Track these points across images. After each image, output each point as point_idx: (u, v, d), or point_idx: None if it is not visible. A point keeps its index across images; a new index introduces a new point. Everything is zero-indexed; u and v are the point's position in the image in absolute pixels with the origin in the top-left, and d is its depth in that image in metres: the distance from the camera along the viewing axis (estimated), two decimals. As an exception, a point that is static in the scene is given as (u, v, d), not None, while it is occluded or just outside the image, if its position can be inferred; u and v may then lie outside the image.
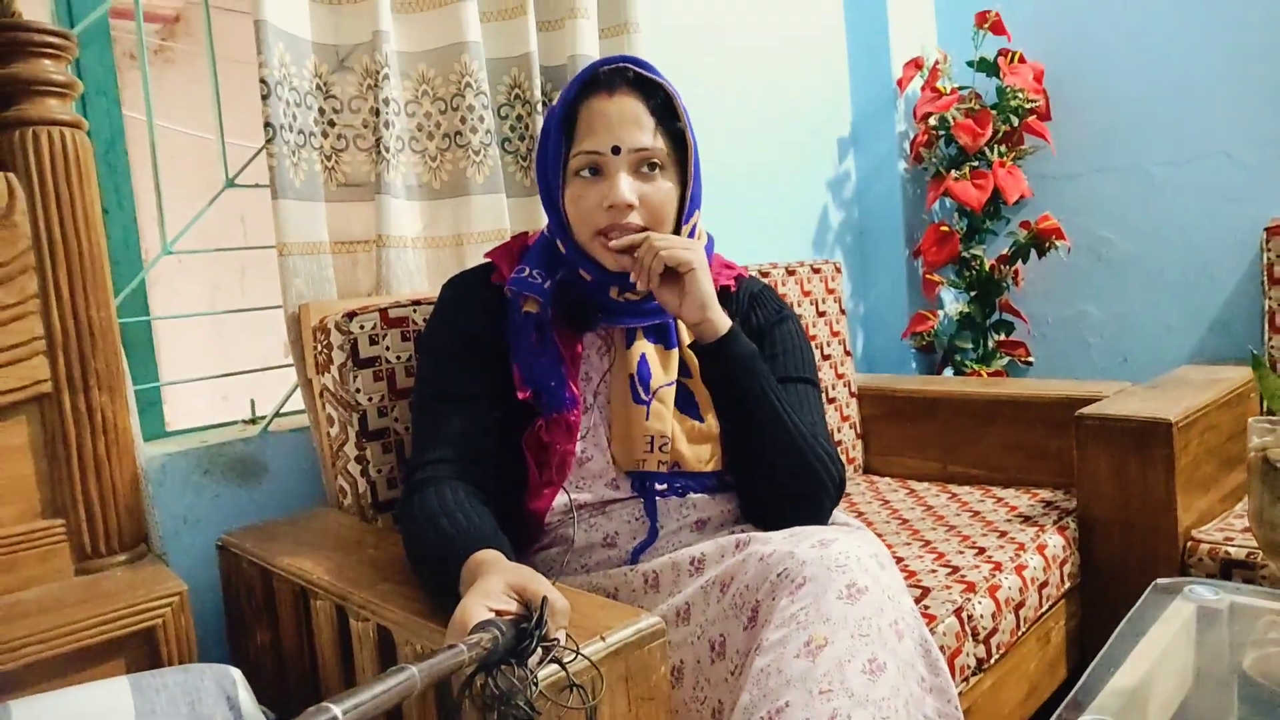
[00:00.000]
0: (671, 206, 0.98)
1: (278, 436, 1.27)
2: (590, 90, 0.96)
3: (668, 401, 0.99)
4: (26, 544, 0.92)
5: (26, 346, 0.92)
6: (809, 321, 1.79)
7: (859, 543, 0.81)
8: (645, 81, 0.97)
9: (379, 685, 0.59)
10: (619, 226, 0.94)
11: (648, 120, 0.95)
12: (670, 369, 1.01)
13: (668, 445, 0.98)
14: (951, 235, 2.19)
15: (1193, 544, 1.36)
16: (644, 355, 1.00)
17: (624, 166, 0.94)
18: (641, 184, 0.95)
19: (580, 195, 0.96)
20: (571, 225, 0.98)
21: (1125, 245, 2.23)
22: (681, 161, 0.99)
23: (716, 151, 1.98)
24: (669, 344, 1.02)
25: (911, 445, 1.86)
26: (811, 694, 0.71)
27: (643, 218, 0.95)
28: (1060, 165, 2.29)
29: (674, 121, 0.98)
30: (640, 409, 0.98)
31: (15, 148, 0.92)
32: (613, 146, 0.93)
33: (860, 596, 0.76)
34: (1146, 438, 1.35)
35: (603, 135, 0.94)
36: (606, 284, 0.98)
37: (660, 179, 0.96)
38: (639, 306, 1.00)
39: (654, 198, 0.95)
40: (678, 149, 0.98)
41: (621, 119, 0.94)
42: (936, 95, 2.17)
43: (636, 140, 0.94)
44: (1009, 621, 1.22)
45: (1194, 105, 2.09)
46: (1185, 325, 2.15)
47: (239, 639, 1.07)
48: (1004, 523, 1.45)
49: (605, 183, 0.94)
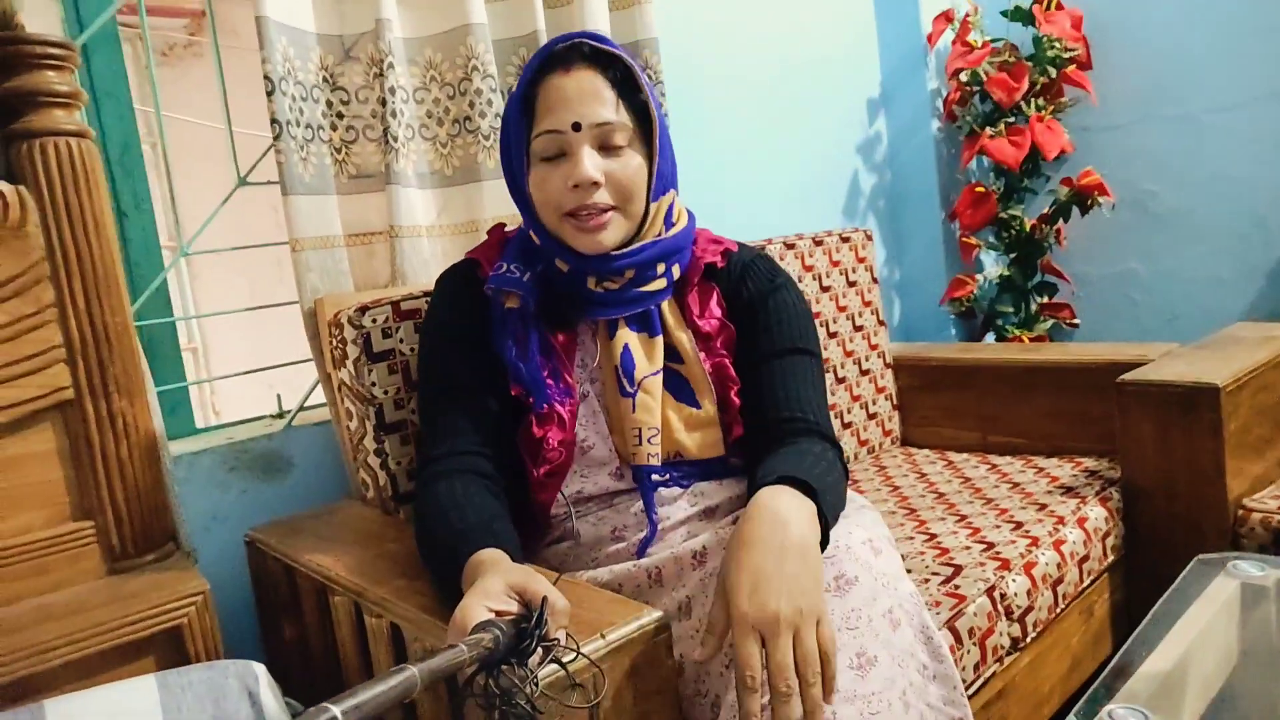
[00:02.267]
0: (640, 182, 0.93)
1: (302, 431, 1.28)
2: (547, 69, 0.93)
3: (654, 391, 0.96)
4: (56, 547, 0.94)
5: (47, 355, 0.94)
6: (839, 292, 1.75)
7: (851, 529, 0.79)
8: (603, 55, 0.93)
9: (379, 685, 0.59)
10: (586, 207, 0.91)
11: (608, 94, 0.91)
12: (655, 358, 0.97)
13: (656, 437, 0.95)
14: (988, 195, 2.11)
15: (1244, 513, 1.30)
16: (627, 345, 0.96)
17: (587, 143, 0.90)
18: (607, 160, 0.91)
19: (544, 179, 0.92)
20: (539, 211, 0.95)
21: (1173, 198, 2.13)
22: (647, 136, 0.94)
23: (739, 119, 1.94)
24: (652, 331, 0.98)
25: (949, 415, 1.81)
26: None
27: (610, 195, 0.91)
28: (1102, 117, 2.19)
29: (636, 94, 0.93)
30: (627, 401, 0.95)
31: (24, 160, 0.93)
32: (573, 123, 0.90)
33: (849, 588, 0.74)
34: (1192, 404, 1.29)
35: (562, 112, 0.90)
36: (584, 274, 0.95)
37: (627, 154, 0.92)
38: (619, 296, 0.96)
39: (620, 174, 0.91)
40: (642, 123, 0.94)
41: (580, 94, 0.90)
42: (968, 49, 2.08)
43: (597, 115, 0.90)
44: (1046, 598, 1.19)
45: (1243, 47, 1.97)
46: (1237, 280, 2.05)
47: (269, 633, 1.10)
48: (1044, 494, 1.41)
49: (569, 163, 0.91)
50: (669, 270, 0.98)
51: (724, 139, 1.87)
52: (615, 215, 0.92)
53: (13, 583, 0.91)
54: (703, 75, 1.82)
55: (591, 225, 0.91)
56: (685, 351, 0.99)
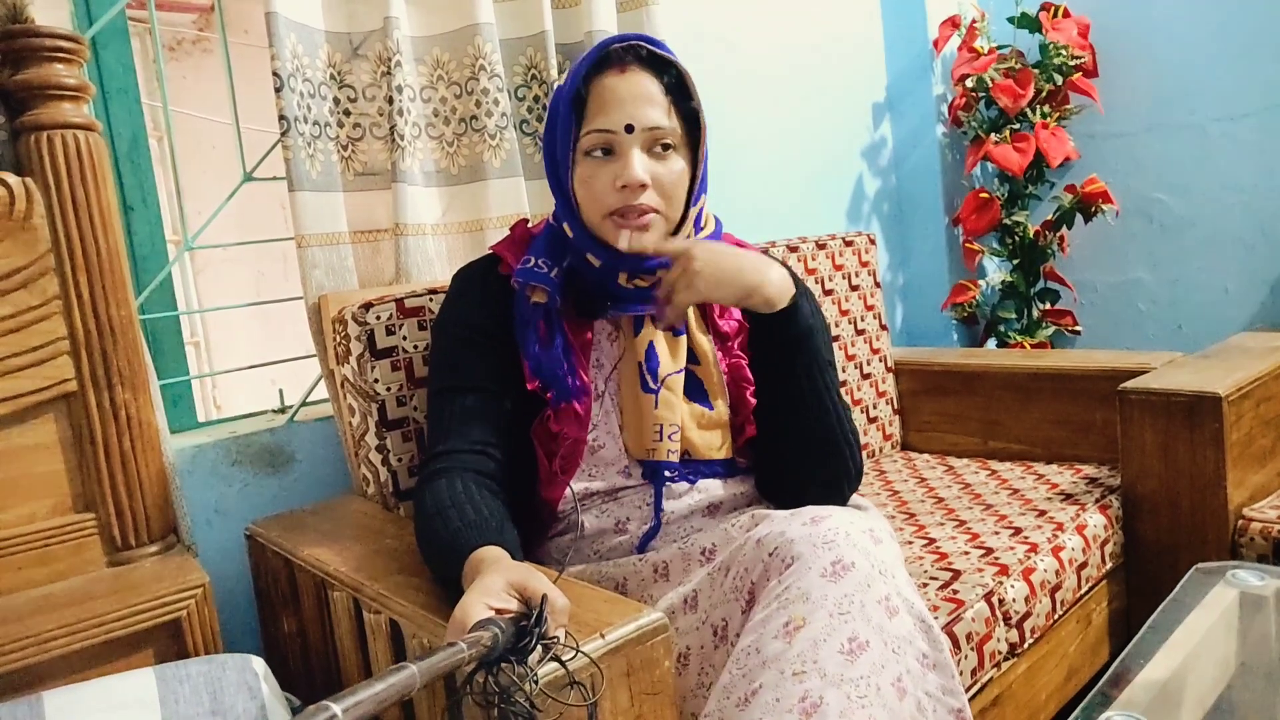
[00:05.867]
0: (683, 188, 0.96)
1: (305, 426, 1.29)
2: (601, 68, 0.94)
3: (676, 389, 0.98)
4: (59, 538, 0.95)
5: (51, 347, 0.94)
6: (841, 296, 1.75)
7: (853, 518, 0.80)
8: (658, 59, 0.94)
9: (379, 684, 0.59)
10: (632, 207, 0.92)
11: (661, 99, 0.93)
12: (679, 356, 0.99)
13: (677, 434, 0.96)
14: (992, 202, 2.11)
15: (1244, 522, 1.30)
16: (652, 343, 0.98)
17: (637, 145, 0.92)
18: (654, 164, 0.93)
19: (591, 175, 0.94)
20: (581, 207, 0.96)
21: (1178, 207, 2.13)
22: (693, 143, 0.97)
23: (744, 122, 1.94)
24: (677, 330, 1.00)
25: (951, 421, 1.81)
26: (784, 675, 0.70)
27: (655, 198, 0.94)
28: (1108, 124, 2.19)
29: (687, 101, 0.95)
30: (649, 397, 0.96)
31: (31, 152, 0.93)
32: (626, 125, 0.92)
33: (845, 573, 0.75)
34: (1194, 412, 1.29)
35: (615, 113, 0.92)
36: (615, 270, 0.96)
37: (673, 159, 0.94)
38: (647, 293, 0.98)
39: (666, 178, 0.94)
40: (690, 130, 0.96)
41: (635, 97, 0.92)
42: (974, 55, 2.08)
43: (650, 119, 0.92)
44: (1044, 605, 1.19)
45: (1250, 57, 1.97)
46: (1243, 290, 2.05)
47: (268, 627, 1.10)
48: (1044, 501, 1.41)
49: (618, 162, 0.92)
50: None
51: (729, 141, 1.87)
52: (656, 218, 0.94)
53: (14, 572, 0.92)
54: (708, 78, 1.81)
55: (636, 224, 0.93)
56: (704, 353, 1.00)
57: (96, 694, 0.79)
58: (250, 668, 0.85)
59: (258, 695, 0.84)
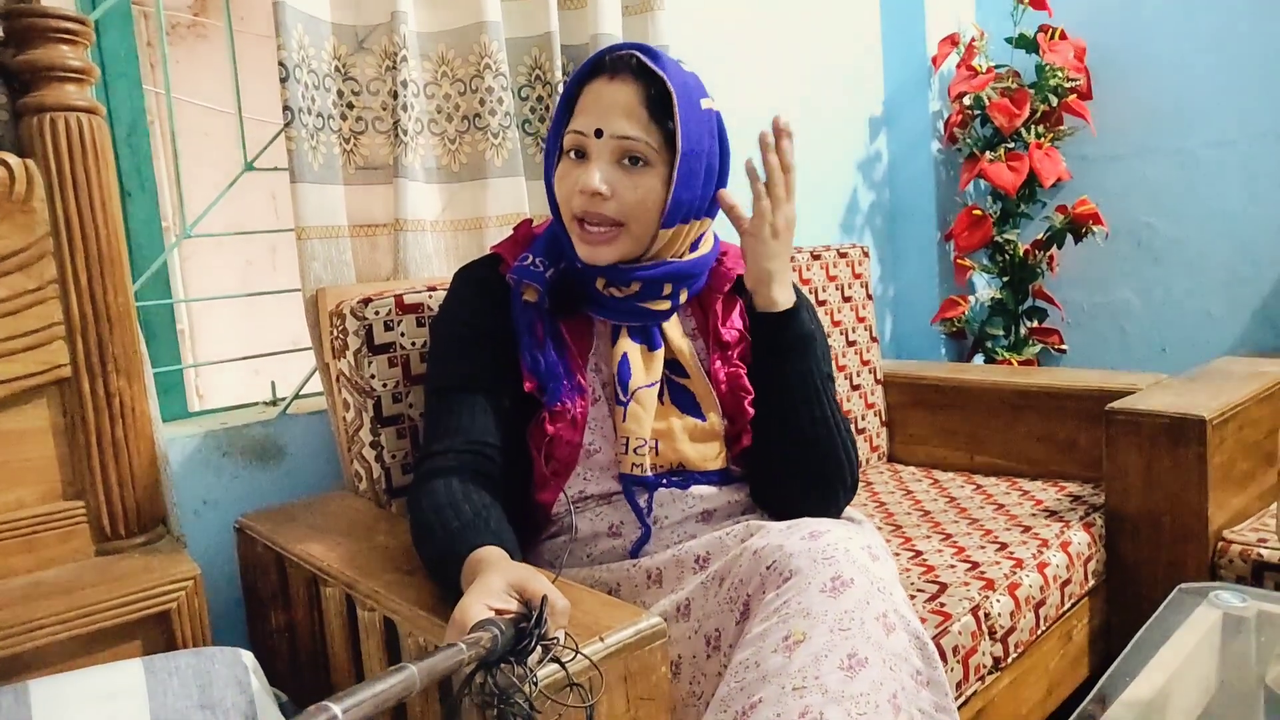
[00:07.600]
0: (650, 206, 0.92)
1: (297, 418, 1.28)
2: (596, 72, 0.95)
3: (646, 403, 0.96)
4: (47, 525, 0.93)
5: (46, 331, 0.93)
6: (834, 307, 1.76)
7: (851, 534, 0.80)
8: (650, 72, 0.93)
9: (379, 684, 0.59)
10: (591, 215, 0.92)
11: (640, 111, 0.91)
12: (653, 370, 0.98)
13: (643, 448, 0.95)
14: (984, 219, 2.13)
15: (1224, 545, 1.32)
16: (625, 355, 0.97)
17: (605, 153, 0.91)
18: (620, 174, 0.91)
19: (564, 175, 0.95)
20: (559, 205, 0.97)
21: (1167, 230, 2.16)
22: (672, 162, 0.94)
23: (742, 132, 1.95)
24: (652, 345, 0.99)
25: (938, 434, 1.82)
26: (784, 690, 0.70)
27: (616, 210, 0.92)
28: (1101, 147, 2.22)
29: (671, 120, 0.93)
30: (619, 410, 0.96)
31: (33, 134, 0.92)
32: (596, 129, 0.91)
33: (845, 589, 0.75)
34: (1179, 434, 1.31)
35: (590, 117, 0.92)
36: (593, 275, 0.96)
37: (643, 174, 0.92)
38: (622, 304, 0.97)
39: (629, 193, 0.91)
40: (672, 148, 0.93)
41: (613, 104, 0.91)
42: (972, 74, 2.11)
43: (621, 128, 0.91)
44: (1028, 620, 1.20)
45: (1241, 84, 2.01)
46: (1228, 315, 2.08)
47: (256, 620, 1.09)
48: (1029, 517, 1.42)
49: (586, 166, 0.92)
50: (676, 293, 0.99)
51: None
52: (618, 232, 0.93)
53: (1, 559, 0.90)
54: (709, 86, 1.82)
55: (592, 237, 0.93)
56: (687, 365, 1.00)
57: (84, 684, 0.78)
58: (240, 661, 0.84)
59: (247, 689, 0.83)
